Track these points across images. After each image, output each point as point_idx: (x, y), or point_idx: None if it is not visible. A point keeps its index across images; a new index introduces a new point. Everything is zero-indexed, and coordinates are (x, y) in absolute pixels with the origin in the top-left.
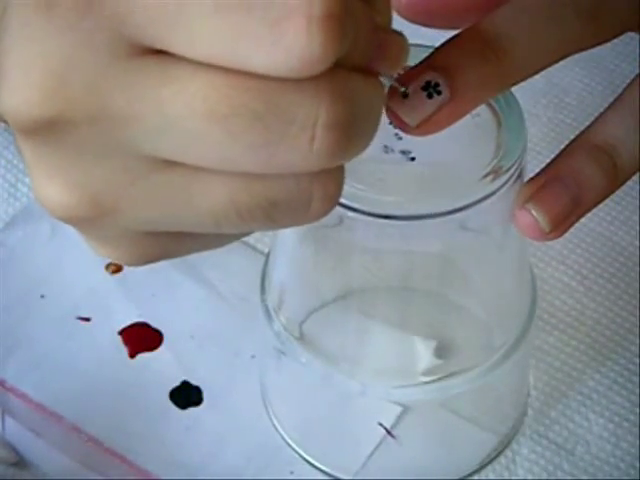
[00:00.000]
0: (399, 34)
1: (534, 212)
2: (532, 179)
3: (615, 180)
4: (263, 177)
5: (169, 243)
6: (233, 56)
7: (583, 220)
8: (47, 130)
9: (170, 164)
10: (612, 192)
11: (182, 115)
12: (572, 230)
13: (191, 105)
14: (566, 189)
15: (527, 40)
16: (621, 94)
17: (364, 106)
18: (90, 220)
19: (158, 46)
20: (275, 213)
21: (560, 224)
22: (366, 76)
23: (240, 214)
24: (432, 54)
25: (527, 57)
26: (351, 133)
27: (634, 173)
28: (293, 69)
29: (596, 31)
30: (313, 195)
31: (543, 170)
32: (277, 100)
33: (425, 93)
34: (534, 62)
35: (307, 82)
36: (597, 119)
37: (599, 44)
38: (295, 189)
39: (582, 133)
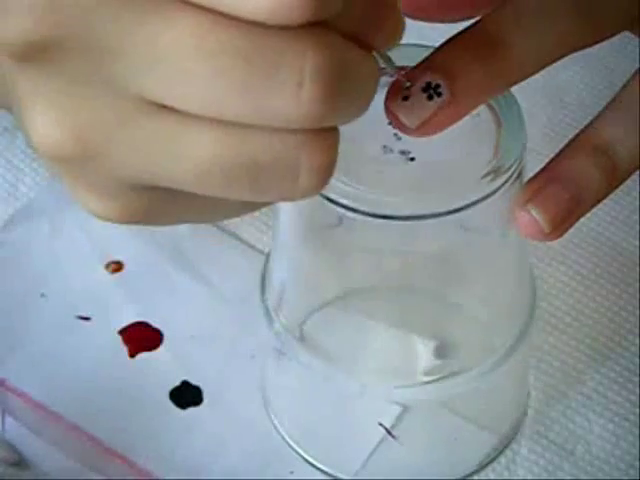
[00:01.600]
0: (396, 9)
1: (534, 213)
2: (532, 180)
3: (614, 180)
4: (249, 134)
5: (154, 202)
6: None
7: (583, 220)
8: (39, 56)
9: (159, 110)
10: (611, 192)
11: (170, 50)
12: (572, 230)
13: (179, 40)
14: (566, 190)
15: (527, 40)
16: (619, 93)
17: (353, 70)
18: (75, 161)
19: None
20: (260, 177)
21: (560, 224)
22: (359, 47)
23: (223, 171)
24: (432, 55)
25: (527, 57)
26: (339, 89)
27: (633, 172)
28: (273, 13)
29: (594, 29)
30: (300, 164)
31: (542, 170)
32: (265, 41)
33: (425, 94)
34: (534, 61)
35: (295, 29)
36: (595, 119)
37: (597, 42)
38: (281, 152)
39: (581, 133)
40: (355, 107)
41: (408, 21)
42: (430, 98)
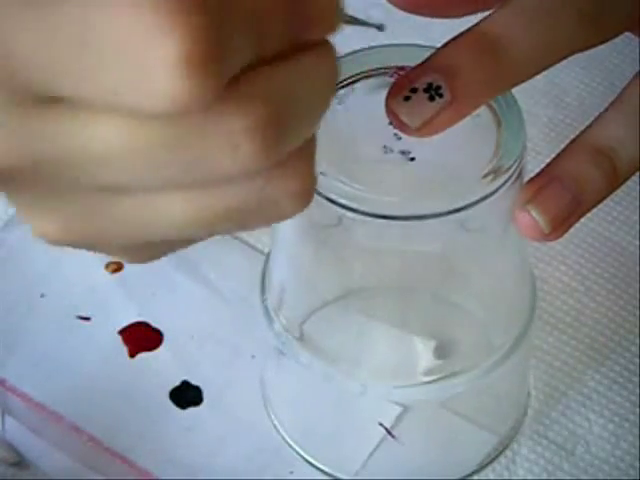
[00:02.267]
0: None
1: (534, 213)
2: (532, 180)
3: (614, 181)
4: (216, 191)
5: (157, 248)
6: (113, 97)
7: (583, 220)
8: (4, 179)
9: (125, 192)
10: (611, 193)
11: (104, 154)
12: (572, 230)
13: (106, 140)
14: (566, 190)
15: (528, 41)
16: (620, 95)
17: (293, 95)
18: (78, 244)
19: (54, 93)
20: (240, 218)
21: (560, 225)
22: (294, 57)
23: (203, 226)
24: (434, 55)
25: (528, 58)
26: (280, 132)
27: (633, 174)
28: (167, 110)
29: (596, 31)
30: (275, 195)
31: (543, 171)
32: (187, 122)
33: (427, 95)
34: (535, 63)
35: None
36: (596, 120)
37: (599, 44)
38: (254, 195)
39: (581, 134)
40: (313, 122)
41: (408, 21)
42: (432, 99)
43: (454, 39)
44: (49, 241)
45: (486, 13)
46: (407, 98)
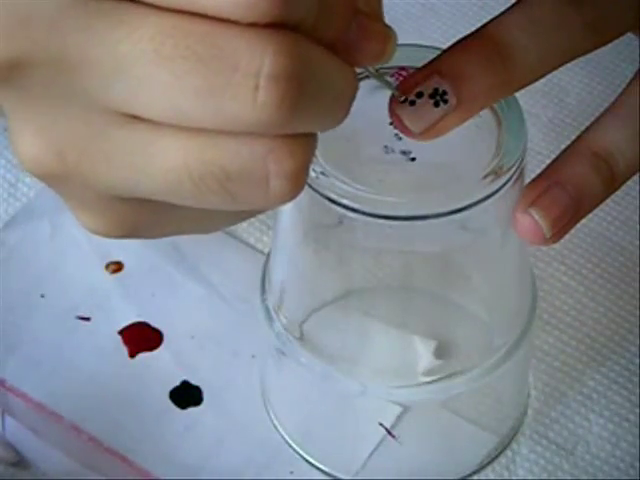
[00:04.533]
0: (387, 27)
1: (536, 217)
2: (532, 184)
3: (612, 186)
4: (216, 141)
5: (142, 213)
6: None
7: (583, 220)
8: (12, 73)
9: (128, 121)
10: (609, 197)
11: (131, 57)
12: (572, 230)
13: (139, 46)
14: (567, 195)
15: (533, 47)
16: (617, 99)
17: (322, 78)
18: (58, 177)
19: None
20: (230, 185)
21: (559, 230)
22: (333, 55)
23: (193, 180)
24: (439, 59)
25: (533, 65)
26: (300, 96)
27: (630, 178)
28: (235, 7)
29: (598, 37)
30: (269, 170)
31: (542, 175)
32: (221, 44)
33: (432, 101)
34: (539, 69)
35: (254, 30)
36: (594, 124)
37: (601, 47)
38: (248, 159)
39: (580, 138)
40: (326, 116)
41: (407, 21)
42: (437, 105)
43: (461, 43)
44: (31, 159)
45: (489, 17)
46: (412, 102)
